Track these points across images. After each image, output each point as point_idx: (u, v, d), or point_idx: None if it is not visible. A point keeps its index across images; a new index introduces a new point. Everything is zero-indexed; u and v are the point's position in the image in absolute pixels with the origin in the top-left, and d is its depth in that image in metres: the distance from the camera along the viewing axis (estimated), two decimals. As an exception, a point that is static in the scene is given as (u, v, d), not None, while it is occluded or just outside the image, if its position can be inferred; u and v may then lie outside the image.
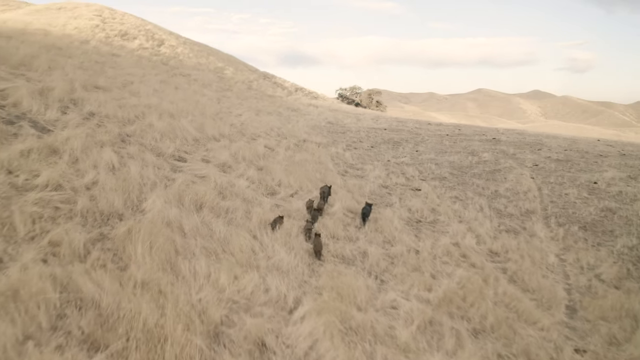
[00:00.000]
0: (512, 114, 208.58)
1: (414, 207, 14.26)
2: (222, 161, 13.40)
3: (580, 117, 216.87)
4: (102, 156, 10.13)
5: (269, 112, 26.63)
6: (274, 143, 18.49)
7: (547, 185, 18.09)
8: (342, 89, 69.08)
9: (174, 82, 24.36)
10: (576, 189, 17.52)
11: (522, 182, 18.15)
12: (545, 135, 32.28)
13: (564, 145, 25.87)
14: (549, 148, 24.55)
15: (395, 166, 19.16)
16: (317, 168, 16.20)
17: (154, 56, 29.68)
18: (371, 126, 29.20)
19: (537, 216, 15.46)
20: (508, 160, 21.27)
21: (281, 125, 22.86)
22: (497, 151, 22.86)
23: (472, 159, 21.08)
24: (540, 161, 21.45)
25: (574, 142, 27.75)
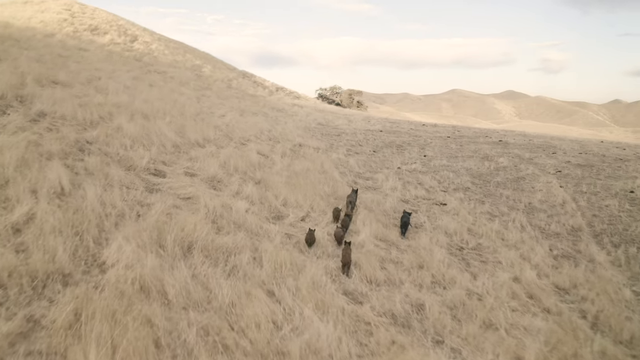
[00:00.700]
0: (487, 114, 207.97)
1: (449, 228, 11.60)
2: (210, 174, 10.53)
3: (555, 117, 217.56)
4: (46, 174, 7.18)
5: (254, 112, 23.74)
6: (267, 148, 15.62)
7: (581, 195, 15.79)
8: (322, 89, 66.67)
9: (148, 79, 21.40)
10: (615, 200, 15.33)
11: (553, 192, 15.78)
12: (550, 136, 30.13)
13: (577, 148, 23.74)
14: (563, 152, 22.38)
15: (408, 175, 16.45)
16: (323, 179, 13.40)
17: (127, 52, 26.85)
18: (365, 128, 26.54)
19: (585, 235, 13.10)
20: (528, 166, 18.84)
21: (270, 128, 19.99)
22: (511, 155, 20.48)
23: (489, 165, 18.58)
24: (561, 167, 19.12)
25: (583, 145, 25.65)
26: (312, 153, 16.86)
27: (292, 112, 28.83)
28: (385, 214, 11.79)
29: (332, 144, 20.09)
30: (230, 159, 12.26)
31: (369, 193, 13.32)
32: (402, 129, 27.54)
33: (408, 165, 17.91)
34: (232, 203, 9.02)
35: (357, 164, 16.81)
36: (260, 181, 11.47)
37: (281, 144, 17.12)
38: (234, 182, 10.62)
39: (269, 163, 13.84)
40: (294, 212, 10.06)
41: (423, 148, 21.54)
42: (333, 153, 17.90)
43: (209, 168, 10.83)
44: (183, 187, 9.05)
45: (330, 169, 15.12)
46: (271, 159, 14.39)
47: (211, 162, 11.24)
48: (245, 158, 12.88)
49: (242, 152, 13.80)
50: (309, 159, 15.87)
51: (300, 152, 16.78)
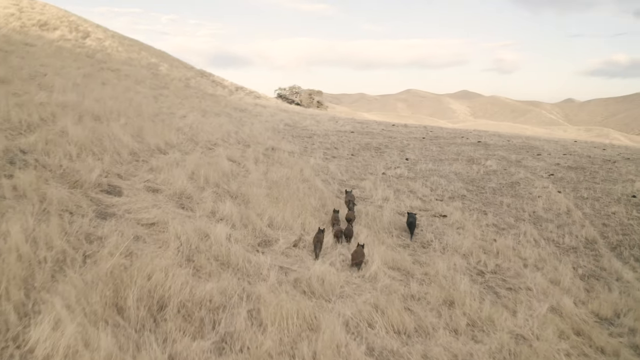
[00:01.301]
0: (443, 114, 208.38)
1: (461, 247, 9.96)
2: (177, 188, 8.51)
3: (509, 116, 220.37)
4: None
5: (217, 113, 21.68)
6: (238, 154, 13.65)
7: (583, 201, 14.65)
8: (281, 89, 64.83)
9: (100, 76, 19.11)
10: (620, 207, 14.21)
11: (554, 199, 14.53)
12: (525, 136, 29.19)
13: (560, 149, 22.73)
14: (548, 153, 21.32)
15: (397, 181, 14.78)
16: (307, 189, 11.58)
17: (78, 48, 24.43)
18: (335, 129, 24.80)
19: (602, 248, 11.89)
20: (518, 169, 17.52)
21: (237, 129, 18.01)
22: (497, 158, 19.18)
23: (478, 169, 17.14)
24: (552, 169, 17.97)
25: (564, 146, 24.72)
26: (287, 158, 14.96)
27: (256, 113, 26.90)
28: (387, 231, 10.04)
29: (306, 147, 18.24)
30: (198, 167, 10.26)
31: (360, 205, 11.50)
32: (373, 129, 25.90)
33: (392, 170, 16.23)
34: (209, 228, 7.01)
35: (338, 170, 15.00)
36: (237, 195, 9.51)
37: (252, 147, 15.15)
38: (206, 197, 8.62)
39: (243, 171, 11.88)
40: (284, 235, 8.13)
41: (402, 151, 19.93)
42: (310, 157, 16.05)
43: (175, 180, 8.78)
44: (145, 209, 6.99)
45: (311, 177, 13.26)
46: (244, 167, 12.43)
47: (177, 173, 9.19)
48: (215, 166, 10.89)
49: (210, 159, 11.81)
50: (285, 164, 13.97)
51: (274, 156, 14.86)
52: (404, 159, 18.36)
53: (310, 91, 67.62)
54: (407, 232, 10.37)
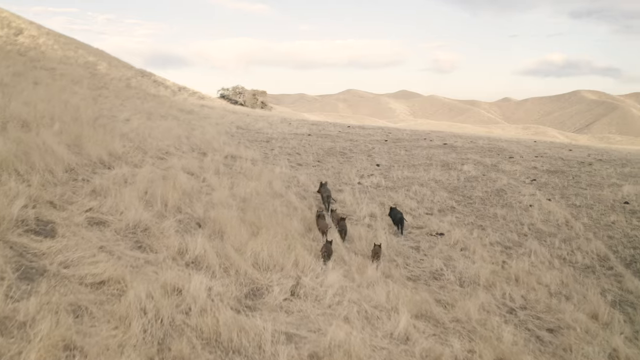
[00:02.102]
0: (383, 114, 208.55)
1: (477, 277, 8.47)
2: (130, 219, 6.43)
3: (448, 115, 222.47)
4: None
5: (163, 115, 19.46)
6: (195, 163, 11.61)
7: (577, 210, 13.58)
8: (224, 89, 62.34)
9: (33, 75, 16.64)
10: (618, 215, 13.11)
11: (547, 209, 13.43)
12: (487, 138, 28.04)
13: (530, 152, 21.84)
14: (520, 155, 20.28)
15: (376, 192, 13.17)
16: (283, 208, 9.75)
17: (9, 45, 22.15)
18: (291, 131, 22.96)
19: (617, 265, 10.83)
20: (498, 174, 16.26)
21: (188, 134, 15.92)
22: (472, 162, 17.89)
23: (457, 175, 15.76)
24: (532, 174, 16.91)
25: (533, 148, 23.68)
26: (250, 167, 13.01)
27: (204, 115, 24.74)
28: (389, 259, 8.25)
29: (267, 154, 16.32)
30: (152, 185, 8.21)
31: (348, 225, 9.67)
32: (330, 132, 24.16)
33: (367, 178, 14.55)
34: (182, 281, 4.99)
35: (310, 180, 13.18)
36: (205, 222, 7.51)
37: (209, 156, 13.11)
38: (169, 229, 6.56)
39: (206, 187, 9.87)
40: (276, 278, 6.17)
41: (370, 155, 18.28)
42: (274, 166, 14.15)
43: (126, 207, 6.69)
44: (90, 258, 4.88)
45: (282, 190, 11.40)
46: (206, 181, 10.41)
47: (127, 195, 7.09)
48: (172, 182, 8.83)
49: (165, 172, 9.75)
50: (250, 176, 12.03)
51: (236, 166, 12.89)
52: (375, 164, 16.70)
53: (255, 91, 65.45)
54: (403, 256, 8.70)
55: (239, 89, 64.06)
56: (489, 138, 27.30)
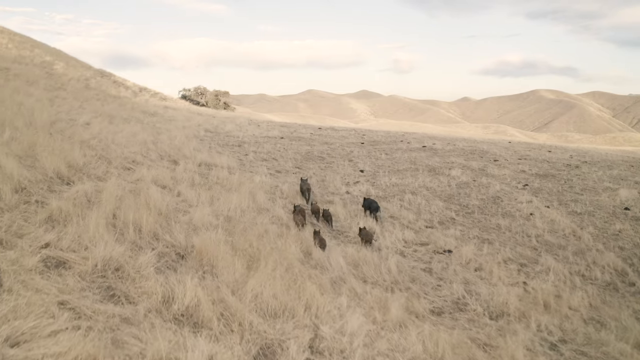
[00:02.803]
0: (344, 114, 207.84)
1: (506, 306, 7.40)
2: (98, 258, 4.99)
3: (408, 114, 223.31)
4: None
5: (125, 118, 17.89)
6: (167, 174, 10.22)
7: (579, 218, 12.71)
8: (186, 90, 60.64)
9: (-18, 77, 14.97)
10: (624, 224, 12.35)
11: (549, 217, 12.66)
12: (464, 139, 27.40)
13: (511, 154, 21.21)
14: (504, 158, 19.62)
15: None
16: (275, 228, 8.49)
17: None
18: (262, 134, 21.66)
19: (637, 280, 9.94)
20: (488, 179, 15.46)
21: (154, 139, 14.49)
22: (458, 166, 17.12)
23: (447, 182, 14.84)
24: (523, 179, 16.25)
25: (514, 150, 23.01)
26: (227, 177, 11.67)
27: (169, 117, 23.16)
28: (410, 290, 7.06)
29: (242, 160, 14.98)
30: (122, 205, 6.83)
31: (348, 247, 8.45)
32: (303, 134, 22.96)
33: (354, 186, 13.41)
34: (175, 353, 3.67)
35: (293, 190, 11.91)
36: (188, 251, 6.16)
37: (181, 164, 11.72)
38: (147, 267, 5.16)
39: (183, 204, 8.52)
40: (289, 329, 4.82)
41: (351, 160, 17.14)
42: (254, 174, 12.84)
43: (92, 241, 5.27)
44: (47, 328, 3.40)
45: (267, 204, 10.12)
46: (182, 195, 9.05)
47: (92, 222, 5.68)
48: (144, 200, 7.47)
49: (134, 186, 8.37)
50: (229, 187, 10.70)
51: (212, 175, 11.54)
52: (359, 170, 15.56)
53: (217, 92, 63.89)
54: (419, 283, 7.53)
55: (200, 90, 62.46)
56: (465, 139, 26.52)
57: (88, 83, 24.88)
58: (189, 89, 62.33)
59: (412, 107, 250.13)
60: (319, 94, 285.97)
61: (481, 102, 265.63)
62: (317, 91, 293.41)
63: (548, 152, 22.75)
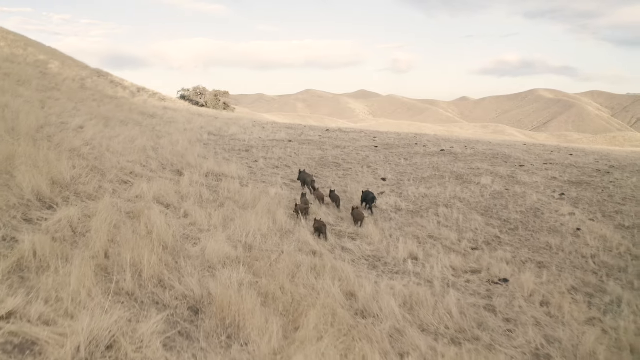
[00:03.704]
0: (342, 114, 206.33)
1: (597, 356, 5.79)
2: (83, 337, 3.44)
3: (407, 114, 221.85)
4: None
5: (122, 120, 16.48)
6: (171, 189, 8.79)
7: (630, 233, 11.17)
8: (185, 90, 59.09)
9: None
10: None
11: (596, 232, 11.06)
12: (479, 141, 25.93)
13: (535, 158, 19.84)
14: (530, 164, 18.26)
15: (399, 219, 10.86)
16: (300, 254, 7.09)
17: None
18: (269, 137, 20.28)
19: None
20: (522, 189, 14.28)
21: (154, 144, 13.12)
22: (486, 173, 15.85)
23: (481, 191, 13.62)
24: (556, 187, 14.77)
25: (528, 152, 21.59)
26: (239, 190, 10.26)
27: (169, 118, 21.78)
28: (480, 341, 5.67)
29: (252, 168, 13.58)
30: (117, 238, 5.45)
31: (395, 281, 7.02)
32: (311, 137, 21.57)
33: (379, 198, 12.03)
34: None
35: (315, 205, 10.46)
36: (204, 305, 4.73)
37: (186, 175, 10.29)
38: (149, 341, 3.64)
39: (191, 229, 7.10)
40: None
41: (369, 166, 15.76)
42: (268, 186, 11.47)
43: (77, 306, 3.84)
44: None
45: (288, 223, 8.75)
46: (189, 216, 7.63)
47: (76, 272, 4.18)
48: (144, 227, 6.06)
49: (132, 207, 6.96)
50: (244, 203, 9.31)
51: (222, 188, 10.12)
52: (380, 178, 14.20)
53: (216, 92, 62.28)
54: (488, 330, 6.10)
55: (199, 90, 60.91)
56: (482, 142, 25.07)
57: (84, 83, 23.71)
58: (188, 89, 60.81)
59: (411, 107, 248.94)
60: (318, 94, 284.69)
61: (480, 101, 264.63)
62: (315, 91, 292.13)
63: (570, 155, 21.37)
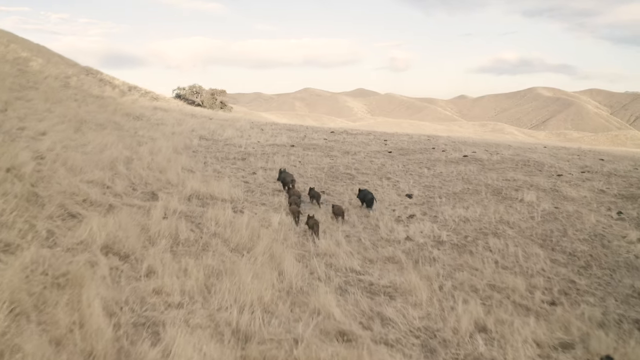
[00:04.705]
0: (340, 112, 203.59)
1: None
2: None
3: (405, 113, 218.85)
4: None
5: (100, 123, 14.18)
6: (135, 227, 6.35)
7: None
8: (180, 89, 56.49)
9: None
10: None
11: None
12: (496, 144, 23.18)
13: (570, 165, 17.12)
14: (569, 172, 15.47)
15: (443, 257, 8.42)
16: (325, 354, 4.44)
17: None
18: (268, 141, 17.86)
19: None
20: (574, 207, 11.99)
21: (130, 154, 10.74)
22: (525, 186, 13.21)
23: (528, 212, 11.36)
24: (610, 202, 12.35)
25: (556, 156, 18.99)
26: (231, 220, 7.81)
27: (157, 120, 19.42)
28: None
29: (249, 184, 11.18)
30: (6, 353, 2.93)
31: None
32: (315, 140, 19.12)
33: (410, 224, 9.75)
34: None
35: (334, 242, 7.95)
36: None
37: (161, 201, 7.84)
38: None
39: (154, 306, 4.63)
40: None
41: (388, 178, 13.43)
42: (268, 211, 9.06)
43: None
44: None
45: (301, 280, 6.24)
46: (153, 279, 5.17)
47: None
48: (66, 321, 3.55)
49: (67, 265, 4.47)
50: (236, 245, 6.89)
51: (207, 220, 7.67)
52: (404, 194, 11.76)
53: (213, 91, 59.62)
54: None
55: (196, 88, 58.33)
56: (501, 145, 22.45)
57: (68, 81, 22.08)
58: (183, 88, 58.21)
59: (410, 105, 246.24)
60: (316, 93, 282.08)
61: (478, 100, 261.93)
62: (313, 89, 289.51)
63: (600, 160, 18.74)
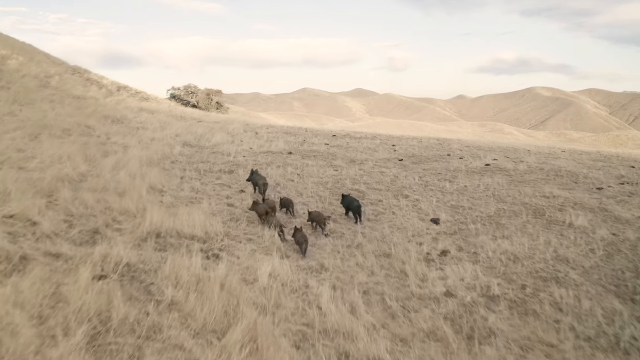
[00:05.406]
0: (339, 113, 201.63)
1: None
2: None
3: (404, 113, 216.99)
4: None
5: (66, 129, 12.29)
6: (44, 299, 3.94)
7: None
8: (175, 89, 54.07)
9: None
10: None
11: None
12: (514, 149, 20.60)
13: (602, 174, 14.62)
14: (608, 185, 13.18)
15: (499, 323, 6.06)
16: None
17: None
18: (263, 148, 15.66)
19: None
20: (636, 233, 9.51)
21: (88, 170, 8.77)
22: (569, 204, 11.04)
23: (587, 244, 9.27)
24: None
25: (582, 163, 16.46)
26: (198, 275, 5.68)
27: (139, 124, 17.28)
28: None
29: (233, 207, 9.13)
30: None
31: None
32: (316, 146, 16.93)
33: (442, 265, 7.49)
34: None
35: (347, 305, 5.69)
36: None
37: (103, 243, 5.54)
38: None
39: None
40: None
41: (405, 196, 11.43)
42: (257, 252, 6.71)
43: None
44: None
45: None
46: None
47: None
48: None
49: None
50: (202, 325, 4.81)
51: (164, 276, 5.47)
52: (429, 220, 9.56)
53: (209, 91, 57.19)
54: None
55: (191, 89, 55.89)
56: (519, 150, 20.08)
57: (49, 81, 20.58)
58: (178, 88, 55.78)
59: (409, 106, 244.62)
60: (314, 93, 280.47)
61: (477, 100, 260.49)
62: (312, 90, 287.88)
63: (632, 167, 16.20)
